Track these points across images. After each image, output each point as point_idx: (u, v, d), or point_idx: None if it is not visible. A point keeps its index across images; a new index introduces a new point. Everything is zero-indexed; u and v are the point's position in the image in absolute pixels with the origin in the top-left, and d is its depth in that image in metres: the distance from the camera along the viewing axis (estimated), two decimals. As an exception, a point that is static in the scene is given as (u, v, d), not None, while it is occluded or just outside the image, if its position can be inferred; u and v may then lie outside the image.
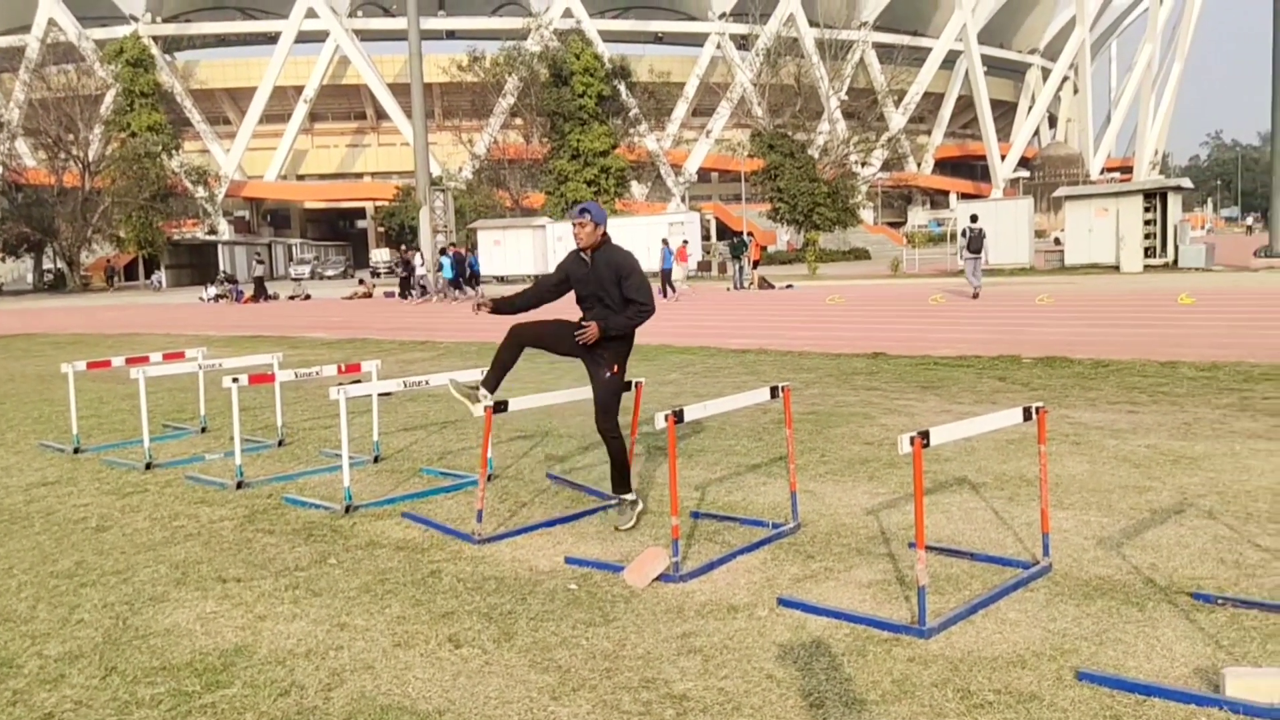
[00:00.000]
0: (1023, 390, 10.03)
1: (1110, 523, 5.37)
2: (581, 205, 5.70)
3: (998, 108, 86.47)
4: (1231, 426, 7.79)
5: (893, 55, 65.76)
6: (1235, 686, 3.24)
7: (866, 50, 68.52)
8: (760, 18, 63.93)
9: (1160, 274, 29.30)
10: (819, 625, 4.10)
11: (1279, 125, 32.99)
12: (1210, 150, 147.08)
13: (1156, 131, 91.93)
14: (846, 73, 58.19)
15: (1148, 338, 14.01)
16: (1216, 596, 4.19)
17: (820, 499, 6.10)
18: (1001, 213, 35.93)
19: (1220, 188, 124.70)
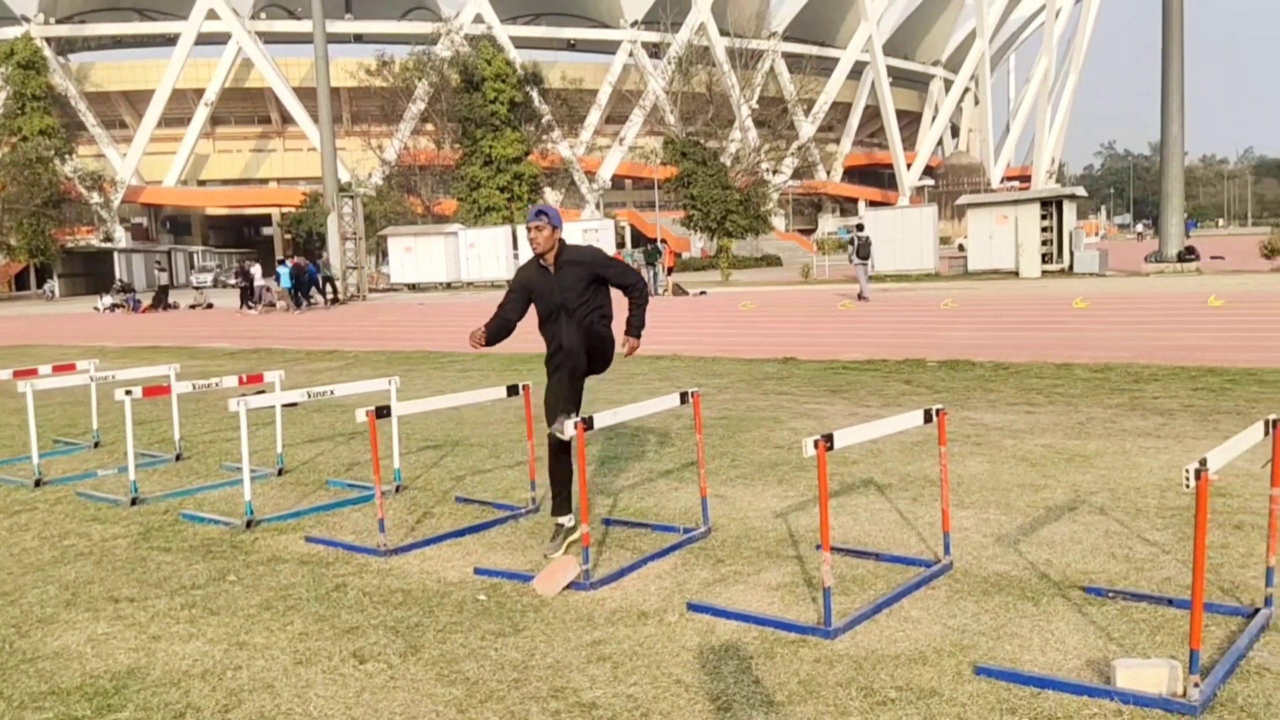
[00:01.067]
0: (927, 393, 10.27)
1: (1008, 520, 5.53)
2: (537, 207, 5.33)
3: (903, 118, 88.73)
4: (1122, 425, 8.10)
5: (802, 65, 66.91)
6: (1125, 677, 3.36)
7: (776, 60, 69.63)
8: (672, 26, 64.42)
9: (1057, 279, 30.35)
10: (728, 629, 4.13)
11: (1168, 136, 34.52)
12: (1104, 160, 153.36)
13: (1053, 141, 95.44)
14: (757, 82, 59.05)
15: (1045, 341, 14.49)
16: (1108, 590, 4.35)
17: (731, 503, 6.14)
18: (907, 220, 36.87)
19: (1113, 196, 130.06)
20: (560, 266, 5.21)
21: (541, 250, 5.23)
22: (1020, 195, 37.38)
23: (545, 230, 5.18)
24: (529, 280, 5.33)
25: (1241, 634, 3.79)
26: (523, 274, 5.41)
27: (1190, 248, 32.69)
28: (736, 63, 58.23)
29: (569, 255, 5.26)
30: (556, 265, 5.21)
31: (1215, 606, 4.09)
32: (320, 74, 39.34)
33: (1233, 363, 11.29)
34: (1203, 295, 20.60)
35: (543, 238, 5.19)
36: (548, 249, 5.22)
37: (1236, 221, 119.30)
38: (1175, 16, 32.18)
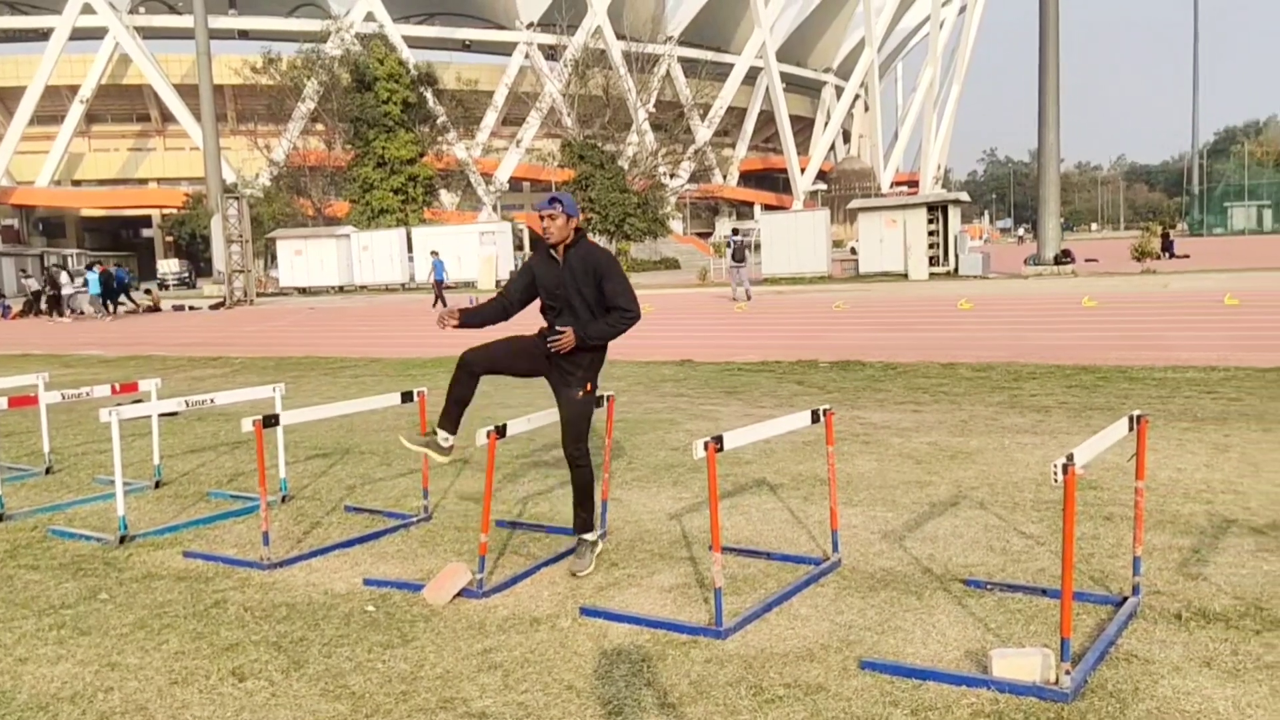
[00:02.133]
0: (819, 393, 10.48)
1: (894, 517, 5.67)
2: (552, 194, 4.93)
3: (797, 123, 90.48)
4: (1002, 422, 8.40)
5: (697, 70, 67.66)
6: (1001, 667, 3.48)
7: (672, 64, 70.19)
8: (568, 28, 64.38)
9: (943, 281, 31.35)
10: (620, 632, 4.12)
11: (1044, 144, 36.02)
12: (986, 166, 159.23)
13: (939, 148, 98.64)
14: (654, 85, 59.45)
15: (932, 341, 14.95)
16: (986, 582, 4.50)
17: (626, 506, 6.15)
18: (800, 224, 37.58)
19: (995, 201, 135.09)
20: (570, 259, 4.86)
21: (555, 240, 4.84)
22: (908, 200, 38.48)
23: (559, 219, 4.80)
24: (538, 269, 4.97)
25: (1111, 622, 3.96)
26: (532, 261, 5.06)
27: (1066, 251, 34.17)
28: (633, 66, 58.52)
29: (583, 250, 4.88)
30: (565, 257, 4.87)
31: (1086, 596, 4.27)
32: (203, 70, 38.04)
33: (1104, 361, 11.83)
34: (1077, 296, 21.55)
35: (556, 227, 4.80)
36: (561, 239, 4.83)
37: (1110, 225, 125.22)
38: (1051, 31, 33.61)
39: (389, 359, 16.02)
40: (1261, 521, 5.26)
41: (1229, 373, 10.48)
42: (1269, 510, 5.45)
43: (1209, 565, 4.63)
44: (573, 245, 4.88)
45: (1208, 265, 32.07)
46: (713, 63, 74.07)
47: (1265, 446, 7.01)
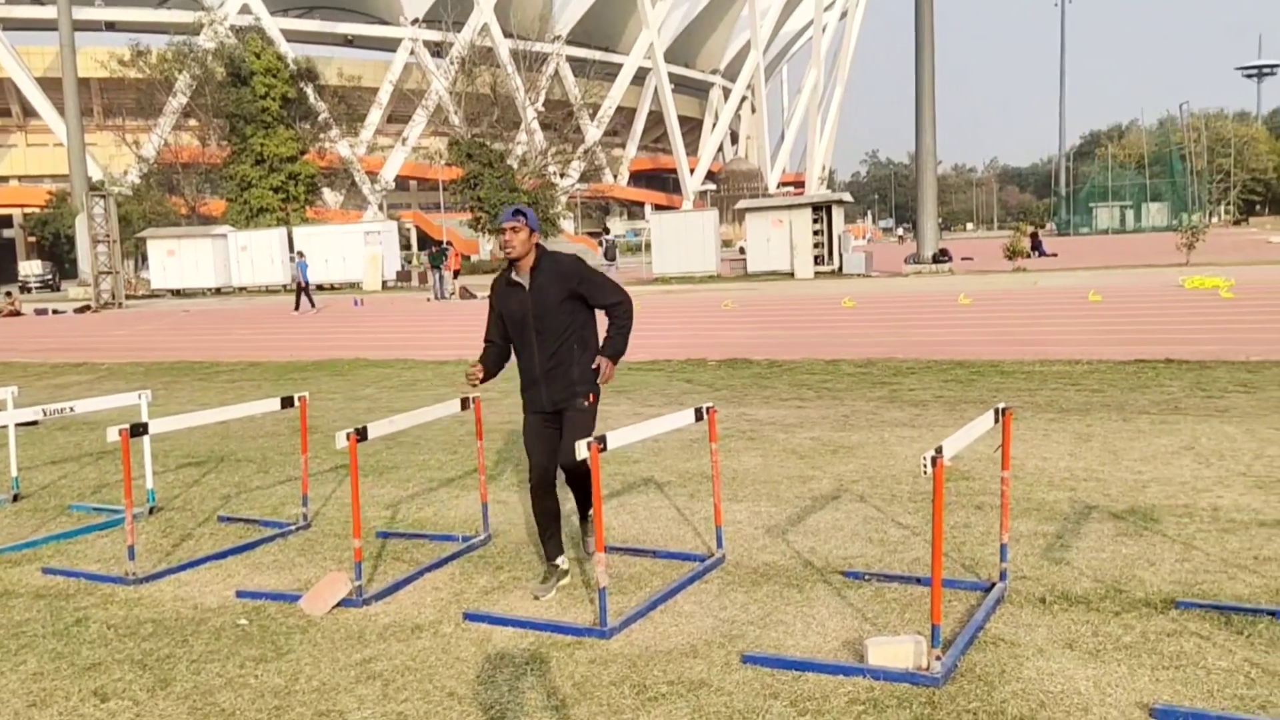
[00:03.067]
0: (708, 391, 10.59)
1: (778, 511, 5.76)
2: (514, 206, 4.63)
3: (685, 124, 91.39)
4: (882, 417, 8.64)
5: (586, 69, 67.64)
6: (876, 655, 3.57)
7: (561, 63, 70.03)
8: (454, 25, 63.48)
9: (828, 280, 32.09)
10: (504, 636, 4.08)
11: (922, 147, 37.24)
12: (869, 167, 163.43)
13: (823, 149, 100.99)
14: (542, 84, 59.16)
15: (816, 339, 15.28)
16: (864, 573, 4.61)
17: (513, 509, 6.09)
18: (690, 224, 37.96)
19: (878, 201, 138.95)
20: (536, 279, 4.52)
21: (517, 255, 4.51)
22: (794, 200, 39.26)
23: (522, 232, 4.49)
24: (499, 300, 4.67)
25: (980, 607, 4.10)
26: (495, 287, 4.71)
27: (944, 250, 35.40)
28: (521, 65, 58.13)
29: (547, 266, 4.55)
30: (532, 278, 4.53)
31: (957, 583, 4.42)
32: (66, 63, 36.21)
33: (978, 356, 12.29)
34: (954, 294, 22.33)
35: (519, 240, 4.49)
36: (523, 253, 4.51)
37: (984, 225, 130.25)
38: (926, 38, 34.76)
39: (269, 363, 15.52)
40: (1120, 507, 5.53)
41: (1092, 366, 11.01)
42: (1127, 496, 5.74)
43: (1071, 550, 4.84)
44: (537, 264, 4.55)
45: (1074, 263, 33.65)
46: (601, 62, 74.17)
47: (1124, 435, 7.38)
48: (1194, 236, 32.63)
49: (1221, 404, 8.44)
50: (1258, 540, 4.84)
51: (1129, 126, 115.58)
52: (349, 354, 15.95)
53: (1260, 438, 7.09)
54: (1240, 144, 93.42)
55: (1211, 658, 3.57)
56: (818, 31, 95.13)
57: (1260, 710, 3.17)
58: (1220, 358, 11.03)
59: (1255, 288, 20.33)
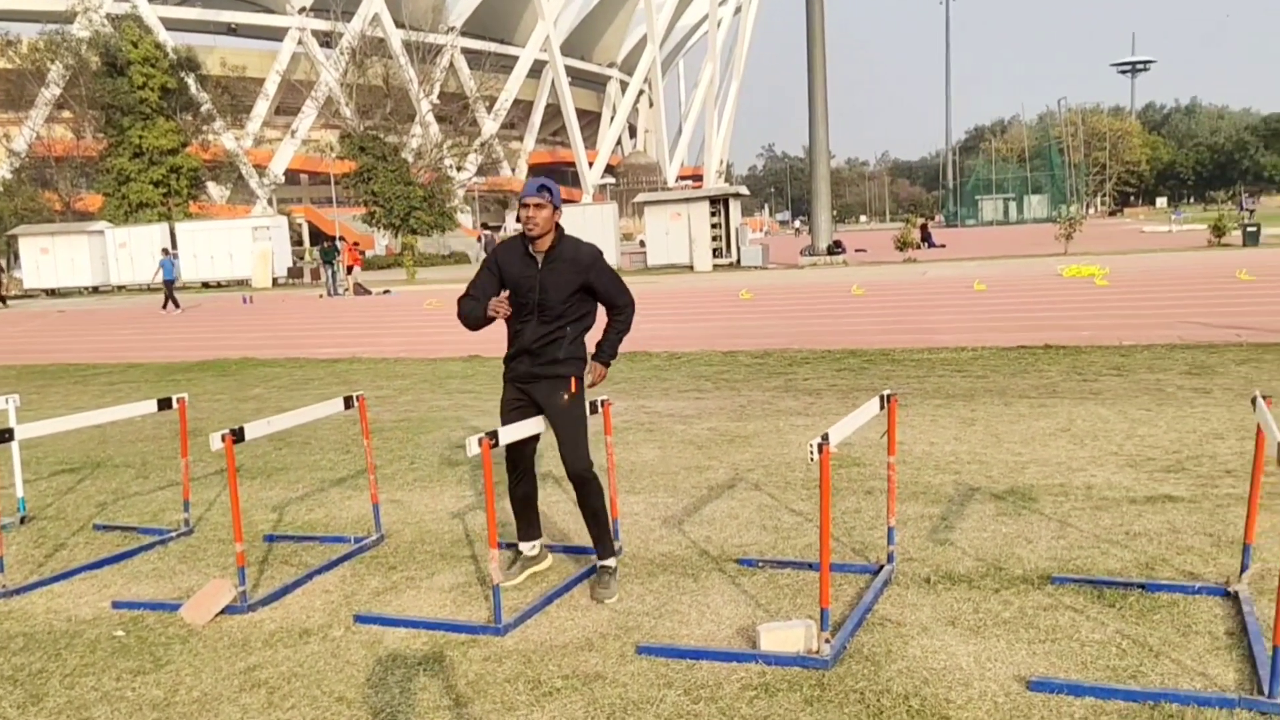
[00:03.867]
0: (606, 384, 10.56)
1: (674, 502, 5.80)
2: (539, 181, 4.31)
3: (583, 117, 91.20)
4: (778, 406, 8.78)
5: (481, 61, 66.85)
6: (768, 640, 3.62)
7: (456, 55, 69.05)
8: (343, 15, 61.98)
9: (726, 272, 32.46)
10: (397, 638, 4.00)
11: (815, 141, 37.94)
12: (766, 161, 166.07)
13: (720, 143, 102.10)
14: (436, 76, 58.26)
15: (715, 330, 15.44)
16: (758, 560, 4.67)
17: (407, 507, 5.99)
18: (589, 217, 37.90)
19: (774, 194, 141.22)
20: (551, 260, 4.30)
21: (538, 233, 4.25)
22: (693, 194, 39.58)
23: (546, 210, 4.23)
24: (507, 267, 4.36)
25: (869, 589, 4.20)
26: (503, 253, 4.41)
27: (838, 242, 36.16)
28: (414, 56, 57.12)
29: (566, 250, 4.34)
30: (547, 257, 4.31)
31: (847, 567, 4.52)
32: (-76, 49, 34.06)
33: (871, 345, 12.60)
34: (847, 285, 22.85)
35: (542, 218, 4.23)
36: (544, 232, 4.27)
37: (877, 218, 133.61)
38: (817, 35, 35.39)
39: (148, 364, 14.93)
40: (1001, 488, 5.73)
41: (977, 352, 11.39)
42: (1008, 477, 5.96)
43: (955, 531, 5.00)
44: (556, 245, 4.32)
45: (961, 254, 34.78)
46: (497, 55, 73.37)
47: (1006, 419, 7.66)
48: (1072, 227, 34.06)
49: (1096, 387, 8.83)
50: (1128, 516, 5.07)
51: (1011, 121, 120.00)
52: (236, 353, 15.46)
53: (1131, 418, 7.43)
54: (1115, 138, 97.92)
55: (1085, 630, 3.72)
56: (713, 25, 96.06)
57: (1131, 680, 3.32)
58: (1095, 343, 11.54)
59: (1128, 275, 21.34)
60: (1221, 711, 3.05)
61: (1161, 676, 3.32)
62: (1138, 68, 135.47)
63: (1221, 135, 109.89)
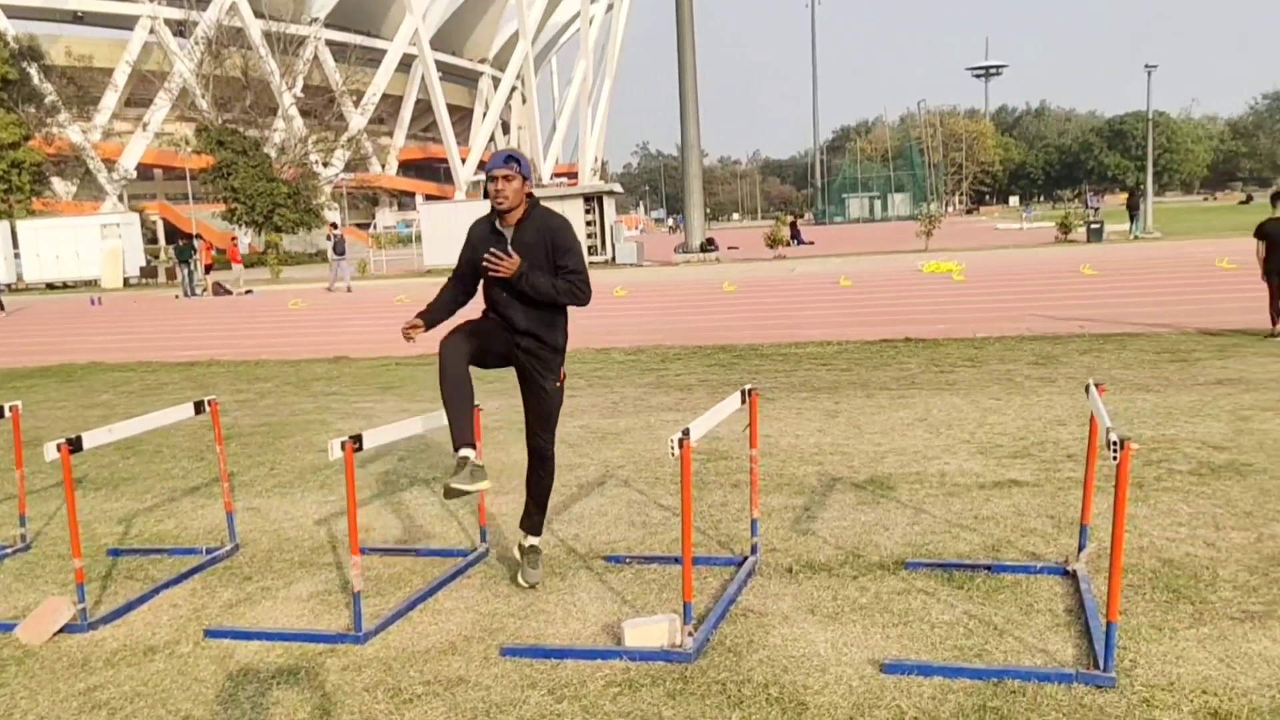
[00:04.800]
0: (479, 384, 10.40)
1: (543, 501, 5.76)
2: (506, 151, 4.16)
3: (455, 112, 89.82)
4: (649, 402, 8.84)
5: (347, 54, 65.11)
6: (632, 636, 3.63)
7: (320, 47, 67.08)
8: (198, 3, 59.40)
9: (601, 270, 32.49)
10: (249, 652, 3.85)
11: (687, 140, 38.38)
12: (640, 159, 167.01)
13: (595, 140, 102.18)
14: (299, 69, 56.48)
15: (590, 327, 15.41)
16: (625, 556, 4.69)
17: (265, 515, 5.77)
18: (462, 214, 37.35)
19: (649, 192, 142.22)
20: (521, 233, 4.13)
21: (508, 206, 4.10)
22: (567, 191, 39.50)
23: (515, 181, 4.08)
24: (475, 240, 4.25)
25: (732, 581, 4.26)
26: (473, 230, 4.31)
27: (711, 239, 36.69)
28: (275, 47, 55.21)
29: (538, 220, 4.16)
30: (517, 231, 4.14)
31: (712, 559, 4.58)
32: None
33: (741, 340, 12.82)
34: (720, 282, 23.21)
35: (512, 190, 4.07)
36: (514, 205, 4.11)
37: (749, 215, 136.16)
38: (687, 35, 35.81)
39: (-12, 370, 13.99)
40: (862, 478, 5.91)
41: (841, 346, 11.71)
42: (868, 467, 6.14)
43: (817, 521, 5.12)
44: (526, 217, 4.16)
45: (828, 251, 35.75)
46: (364, 47, 71.62)
47: (868, 410, 7.90)
48: (932, 224, 35.45)
49: (951, 378, 9.20)
50: (978, 501, 5.30)
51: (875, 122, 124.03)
52: (83, 358, 14.63)
53: (983, 407, 7.77)
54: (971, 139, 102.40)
55: (935, 612, 3.86)
56: (585, 23, 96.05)
57: (977, 658, 3.46)
58: (951, 335, 12.03)
59: (982, 271, 22.34)
60: (1060, 686, 3.21)
61: (1005, 654, 3.48)
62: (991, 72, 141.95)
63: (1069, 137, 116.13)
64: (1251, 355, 9.53)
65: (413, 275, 35.08)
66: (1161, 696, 3.11)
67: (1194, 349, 10.08)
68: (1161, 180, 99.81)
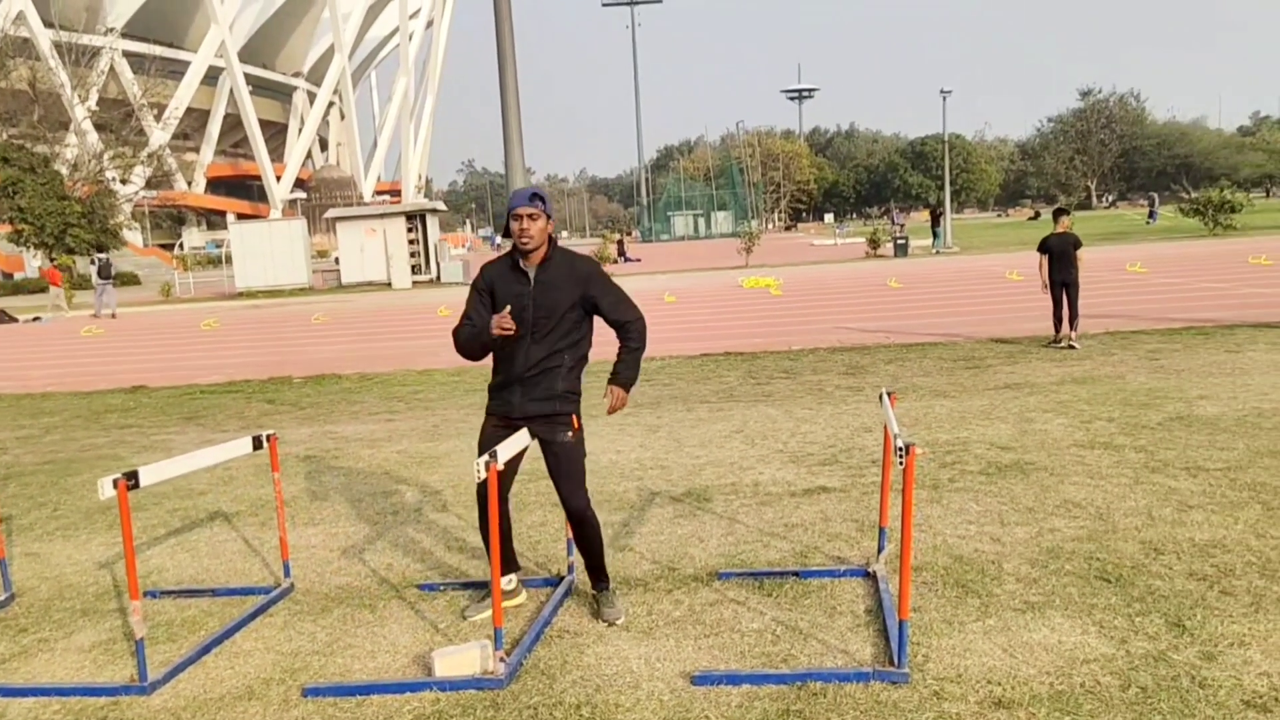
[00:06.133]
0: (292, 410, 10.03)
1: (356, 531, 5.56)
2: (530, 189, 3.97)
3: (269, 128, 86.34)
4: (471, 424, 8.68)
5: (147, 66, 61.53)
6: (442, 666, 3.53)
7: (116, 58, 63.15)
8: (-22, 10, 54.88)
9: (426, 289, 31.90)
10: (21, 710, 3.52)
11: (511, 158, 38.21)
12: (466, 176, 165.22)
13: (419, 157, 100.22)
14: (93, 81, 52.95)
15: (411, 350, 15.08)
16: (440, 584, 4.57)
17: (45, 560, 5.33)
18: (276, 234, 35.96)
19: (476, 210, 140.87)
20: (544, 274, 3.95)
21: (533, 246, 3.91)
22: (388, 209, 38.58)
23: (539, 220, 3.90)
24: (494, 282, 4.00)
25: (548, 602, 4.22)
26: (491, 272, 4.04)
27: (536, 257, 36.69)
28: (67, 58, 51.59)
29: (560, 262, 3.99)
30: (539, 271, 3.95)
31: (529, 581, 4.52)
32: None
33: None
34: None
35: (537, 229, 3.89)
36: (539, 245, 3.93)
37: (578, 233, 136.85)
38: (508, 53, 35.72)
39: None
40: (680, 490, 5.99)
41: (665, 362, 11.90)
42: (686, 480, 6.24)
43: (635, 536, 5.15)
44: (548, 258, 3.98)
45: (655, 268, 36.35)
46: (167, 59, 67.91)
47: (688, 424, 8.03)
48: (751, 242, 36.63)
49: (768, 389, 9.48)
50: (788, 509, 5.46)
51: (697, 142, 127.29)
52: None
53: (796, 417, 8.04)
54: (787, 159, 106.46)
55: (745, 621, 3.94)
56: (404, 38, 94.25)
57: (783, 664, 3.55)
58: (768, 348, 12.42)
59: (798, 285, 23.24)
60: (859, 685, 3.33)
61: (809, 657, 3.58)
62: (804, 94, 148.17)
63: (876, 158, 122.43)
64: (1036, 361, 10.27)
65: (224, 298, 33.43)
66: (951, 689, 3.27)
67: (986, 356, 10.78)
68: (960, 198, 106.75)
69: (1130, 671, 3.31)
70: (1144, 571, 4.20)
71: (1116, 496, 5.30)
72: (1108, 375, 9.12)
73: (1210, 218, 35.58)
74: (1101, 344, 11.12)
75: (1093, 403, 7.86)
